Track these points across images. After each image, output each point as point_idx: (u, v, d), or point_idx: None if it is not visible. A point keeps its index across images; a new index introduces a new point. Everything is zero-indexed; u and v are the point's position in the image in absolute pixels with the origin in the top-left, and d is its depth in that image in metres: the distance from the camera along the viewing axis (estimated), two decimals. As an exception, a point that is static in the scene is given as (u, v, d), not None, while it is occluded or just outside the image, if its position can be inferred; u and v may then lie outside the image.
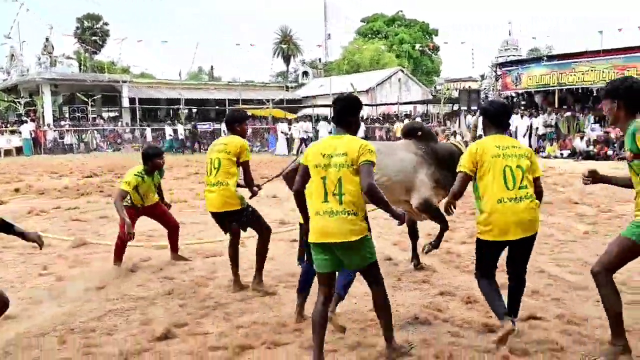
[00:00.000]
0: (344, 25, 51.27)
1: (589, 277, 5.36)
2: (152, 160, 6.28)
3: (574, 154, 19.15)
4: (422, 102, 35.92)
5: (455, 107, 30.02)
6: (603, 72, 21.44)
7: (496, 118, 4.01)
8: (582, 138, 19.39)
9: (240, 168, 5.36)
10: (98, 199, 11.50)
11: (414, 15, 62.94)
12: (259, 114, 34.54)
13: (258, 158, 23.75)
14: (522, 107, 24.20)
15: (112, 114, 37.32)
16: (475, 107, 25.37)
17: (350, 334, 4.17)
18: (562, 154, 19.65)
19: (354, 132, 3.77)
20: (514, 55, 55.96)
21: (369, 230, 3.65)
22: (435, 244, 5.74)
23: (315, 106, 34.22)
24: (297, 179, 3.77)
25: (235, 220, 5.41)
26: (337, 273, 3.84)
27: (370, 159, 3.55)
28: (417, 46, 54.30)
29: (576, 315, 4.40)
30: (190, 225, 8.64)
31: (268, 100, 33.15)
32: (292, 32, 65.30)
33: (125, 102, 34.38)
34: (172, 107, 36.26)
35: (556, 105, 22.94)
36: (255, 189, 5.54)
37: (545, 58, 24.39)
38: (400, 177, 5.45)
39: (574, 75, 22.53)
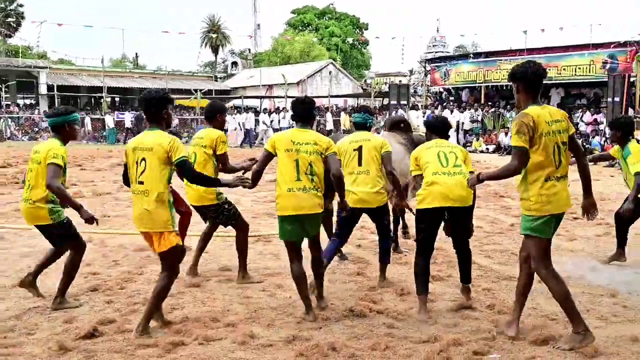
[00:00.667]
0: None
1: (516, 267, 5.62)
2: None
3: (499, 149, 19.91)
4: (353, 96, 36.27)
5: (385, 101, 30.52)
6: (526, 70, 22.44)
7: (437, 129, 4.82)
8: (506, 134, 20.16)
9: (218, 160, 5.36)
10: (11, 190, 10.92)
11: (345, 9, 63.43)
12: (187, 104, 33.87)
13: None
14: (451, 103, 24.94)
15: (28, 102, 35.55)
16: (405, 102, 25.92)
17: (286, 327, 4.15)
18: (487, 149, 20.39)
19: (312, 127, 4.57)
20: (441, 52, 57.60)
21: None
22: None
23: (245, 97, 33.88)
24: (259, 162, 4.61)
25: (214, 215, 5.43)
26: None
27: (335, 150, 4.47)
28: (350, 40, 54.83)
29: (506, 305, 4.54)
30: (115, 218, 8.35)
31: (196, 91, 32.48)
32: (220, 21, 64.26)
33: (43, 89, 32.82)
34: (93, 95, 34.97)
35: (482, 102, 23.78)
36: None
37: (472, 55, 25.20)
38: (395, 165, 5.60)
39: (499, 72, 23.42)
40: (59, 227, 4.64)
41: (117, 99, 36.91)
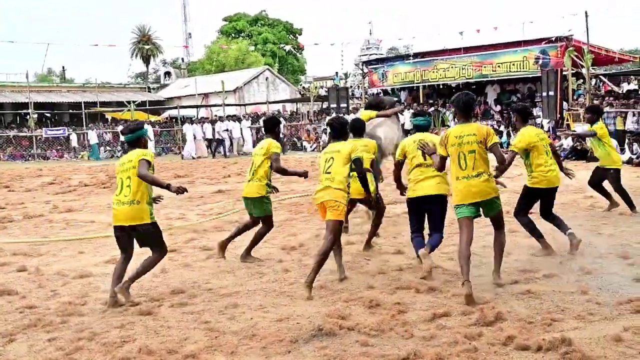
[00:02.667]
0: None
1: (485, 268, 5.51)
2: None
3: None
4: (292, 101, 36.03)
5: (325, 105, 30.40)
6: (462, 68, 22.80)
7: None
8: (448, 130, 20.40)
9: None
10: None
11: (278, 15, 63.17)
12: (120, 116, 32.74)
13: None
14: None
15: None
16: (344, 104, 25.85)
17: (252, 354, 3.81)
18: (428, 148, 20.45)
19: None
20: (375, 54, 58.08)
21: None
22: None
23: (181, 107, 33.02)
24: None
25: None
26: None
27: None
28: (288, 47, 54.60)
29: (481, 310, 4.35)
30: (54, 243, 7.75)
31: (129, 102, 31.41)
32: (150, 31, 62.76)
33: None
34: (19, 111, 33.33)
35: (421, 101, 23.98)
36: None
37: (412, 56, 25.37)
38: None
39: (436, 72, 23.74)
40: (153, 227, 5.13)
41: (47, 115, 35.34)
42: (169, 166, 20.90)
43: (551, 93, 17.25)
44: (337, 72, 35.96)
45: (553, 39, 20.62)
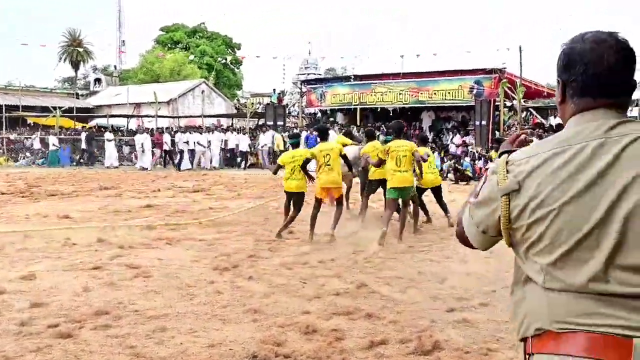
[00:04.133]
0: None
1: (417, 294, 5.54)
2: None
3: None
4: (228, 116, 35.67)
5: (261, 122, 30.26)
6: (400, 93, 23.34)
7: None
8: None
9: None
10: None
11: (217, 29, 62.78)
12: (45, 122, 31.45)
13: (49, 172, 21.58)
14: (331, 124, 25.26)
15: None
16: (281, 122, 25.83)
17: None
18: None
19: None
20: (314, 74, 58.63)
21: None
22: None
23: (111, 116, 32.05)
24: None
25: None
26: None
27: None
28: (229, 57, 54.20)
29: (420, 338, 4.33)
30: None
31: (55, 108, 30.17)
32: (81, 35, 60.97)
33: None
34: None
35: (358, 123, 24.29)
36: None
37: (352, 78, 25.73)
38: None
39: (374, 95, 24.14)
40: (303, 195, 8.72)
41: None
42: (94, 177, 20.18)
43: (484, 122, 18.00)
44: (274, 89, 35.84)
45: (487, 70, 21.44)
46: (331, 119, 27.51)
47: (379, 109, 24.88)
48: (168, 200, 13.37)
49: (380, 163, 8.58)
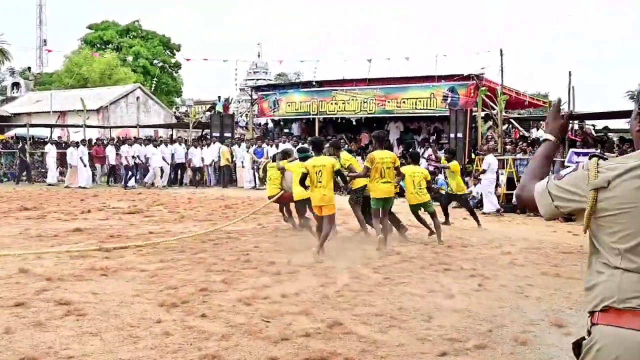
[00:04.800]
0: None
1: (400, 334, 5.36)
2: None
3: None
4: (168, 126, 35.11)
5: (205, 132, 29.85)
6: (364, 102, 23.26)
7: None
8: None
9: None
10: None
11: (153, 27, 62.11)
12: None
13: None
14: (279, 136, 25.04)
15: None
16: (229, 133, 25.50)
17: None
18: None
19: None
20: (263, 79, 58.55)
21: None
22: None
23: (31, 126, 30.93)
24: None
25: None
26: None
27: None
28: (173, 60, 53.58)
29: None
30: None
31: (-35, 116, 29.11)
32: (-4, 34, 59.35)
33: None
34: None
35: (316, 134, 24.15)
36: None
37: (315, 83, 25.44)
38: None
39: (335, 104, 24.03)
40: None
41: None
42: (11, 195, 19.44)
43: (459, 135, 17.87)
44: (219, 97, 35.45)
45: (464, 75, 21.34)
46: (285, 130, 27.32)
47: (339, 119, 24.77)
48: (100, 222, 12.94)
49: (367, 173, 9.76)
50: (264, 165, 13.38)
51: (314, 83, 25.46)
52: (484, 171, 16.04)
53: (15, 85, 48.23)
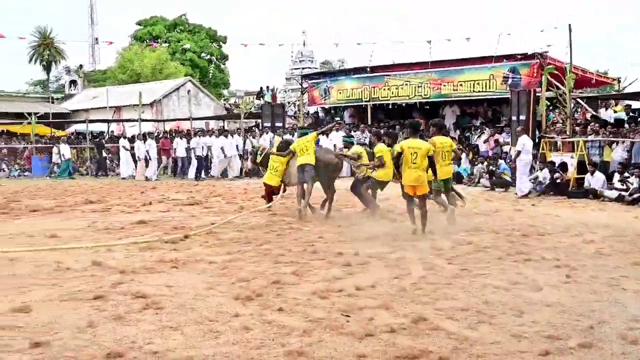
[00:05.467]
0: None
1: (492, 330, 5.06)
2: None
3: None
4: (219, 118, 35.17)
5: (254, 123, 29.79)
6: (419, 86, 22.65)
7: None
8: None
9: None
10: None
11: (199, 21, 62.33)
12: (19, 130, 30.98)
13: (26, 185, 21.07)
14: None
15: None
16: (280, 123, 25.30)
17: None
18: (380, 176, 20.09)
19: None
20: (309, 68, 58.22)
21: None
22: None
23: (90, 121, 31.43)
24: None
25: None
26: None
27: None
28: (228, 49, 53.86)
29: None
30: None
31: (29, 114, 29.65)
32: (52, 33, 60.59)
33: None
34: None
35: (369, 122, 23.73)
36: None
37: (369, 69, 24.79)
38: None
39: (388, 89, 23.50)
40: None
41: None
42: (75, 189, 19.73)
43: (522, 117, 17.04)
44: (267, 87, 35.32)
45: (526, 54, 20.35)
46: (336, 118, 26.95)
47: (390, 105, 24.20)
48: (162, 214, 12.91)
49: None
50: (265, 153, 13.43)
51: (368, 69, 24.71)
52: (518, 153, 15.48)
53: (73, 82, 49.11)
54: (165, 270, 7.47)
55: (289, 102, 38.36)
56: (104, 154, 27.32)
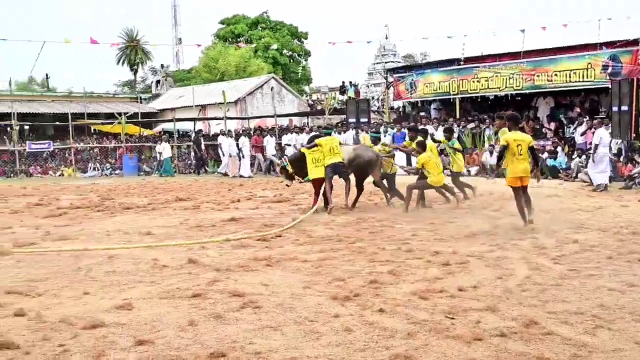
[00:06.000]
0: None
1: (613, 337, 4.75)
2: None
3: (484, 170, 19.38)
4: (304, 114, 35.40)
5: (339, 119, 29.76)
6: (510, 77, 21.96)
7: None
8: (491, 153, 19.59)
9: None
10: None
11: (280, 17, 62.96)
12: (110, 130, 32.27)
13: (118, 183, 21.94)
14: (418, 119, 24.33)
15: None
16: (365, 119, 25.15)
17: None
18: (469, 171, 19.78)
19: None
20: (392, 61, 57.81)
21: None
22: None
23: (177, 120, 32.33)
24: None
25: None
26: None
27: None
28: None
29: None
30: (46, 282, 6.95)
31: (120, 114, 30.88)
32: (138, 35, 62.85)
33: None
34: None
35: (457, 116, 23.22)
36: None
37: (462, 61, 24.17)
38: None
39: (477, 82, 22.93)
40: None
41: (25, 127, 34.83)
42: (165, 187, 20.33)
43: (624, 108, 16.13)
44: (350, 82, 35.19)
45: (629, 40, 19.26)
46: (421, 114, 26.50)
47: (482, 99, 23.58)
48: (251, 212, 13.06)
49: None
50: (291, 160, 13.75)
51: (461, 61, 24.10)
52: (595, 146, 14.95)
53: (158, 82, 50.73)
54: (260, 268, 7.51)
55: (372, 97, 38.19)
56: (203, 151, 27.87)
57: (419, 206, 12.47)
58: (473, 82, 23.20)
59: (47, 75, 54.35)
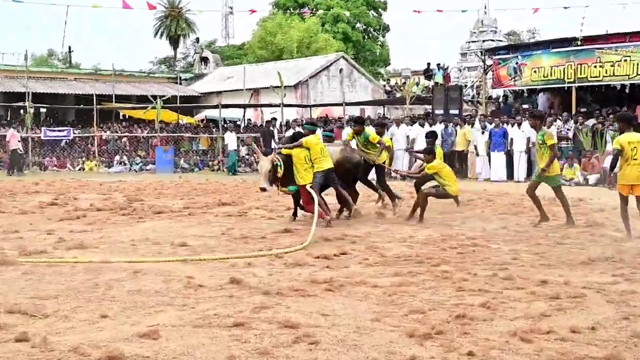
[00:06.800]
0: None
1: None
2: None
3: (605, 180, 18.85)
4: (379, 103, 35.37)
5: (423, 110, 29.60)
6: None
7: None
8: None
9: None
10: None
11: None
12: (142, 116, 32.85)
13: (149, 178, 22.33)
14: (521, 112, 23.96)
15: None
16: (456, 110, 24.88)
17: None
18: (587, 180, 19.37)
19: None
20: (492, 40, 57.25)
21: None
22: None
23: (224, 106, 32.61)
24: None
25: None
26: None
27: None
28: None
29: None
30: (56, 300, 7.09)
31: (155, 97, 31.09)
32: (181, 2, 64.08)
33: None
34: (11, 104, 33.90)
35: (573, 110, 22.80)
36: None
37: (580, 41, 23.51)
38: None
39: (599, 66, 22.45)
40: None
41: (42, 110, 35.86)
42: (204, 188, 20.62)
43: None
44: (438, 64, 34.87)
45: None
46: (524, 106, 26.04)
47: (605, 87, 23.05)
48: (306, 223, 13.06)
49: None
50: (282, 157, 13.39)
51: (579, 40, 23.55)
52: None
53: (204, 60, 51.12)
54: (318, 293, 7.47)
55: (465, 85, 37.89)
56: (274, 145, 27.38)
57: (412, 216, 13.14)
58: (595, 67, 22.76)
59: (69, 48, 55.54)
